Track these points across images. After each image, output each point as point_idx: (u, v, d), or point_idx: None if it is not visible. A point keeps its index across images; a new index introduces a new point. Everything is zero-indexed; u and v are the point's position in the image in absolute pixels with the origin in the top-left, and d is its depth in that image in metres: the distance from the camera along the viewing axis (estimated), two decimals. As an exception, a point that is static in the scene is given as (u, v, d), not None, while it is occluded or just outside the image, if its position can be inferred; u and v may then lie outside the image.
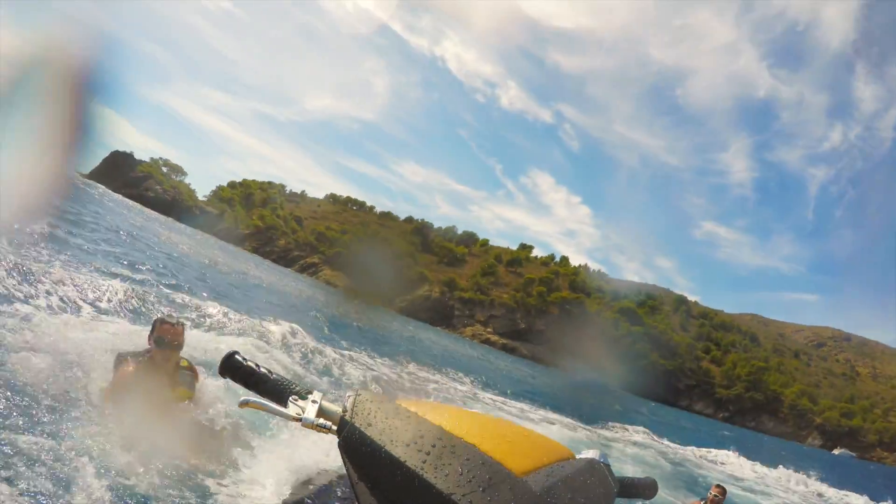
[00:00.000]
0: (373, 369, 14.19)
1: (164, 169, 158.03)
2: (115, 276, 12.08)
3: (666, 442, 24.52)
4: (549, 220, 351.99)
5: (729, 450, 24.94)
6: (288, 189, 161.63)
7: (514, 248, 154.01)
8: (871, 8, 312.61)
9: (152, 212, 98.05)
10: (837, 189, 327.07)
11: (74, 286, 9.59)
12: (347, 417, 1.01)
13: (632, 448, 19.02)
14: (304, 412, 1.05)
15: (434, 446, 0.96)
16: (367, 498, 0.93)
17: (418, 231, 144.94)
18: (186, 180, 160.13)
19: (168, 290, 13.03)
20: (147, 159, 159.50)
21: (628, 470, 9.82)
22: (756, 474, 21.71)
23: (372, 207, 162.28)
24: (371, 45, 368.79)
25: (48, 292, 8.75)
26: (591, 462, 1.23)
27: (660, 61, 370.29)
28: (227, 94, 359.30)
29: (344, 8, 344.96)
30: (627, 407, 42.23)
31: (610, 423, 23.91)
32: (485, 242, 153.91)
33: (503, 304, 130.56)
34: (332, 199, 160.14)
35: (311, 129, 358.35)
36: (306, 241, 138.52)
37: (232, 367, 1.11)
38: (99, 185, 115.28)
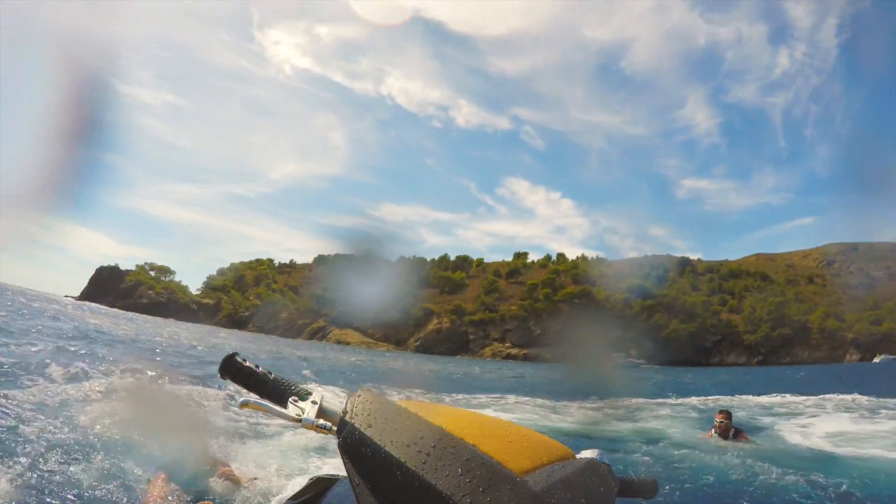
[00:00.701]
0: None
1: (152, 273, 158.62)
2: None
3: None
4: (535, 223, 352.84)
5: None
6: (276, 262, 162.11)
7: (509, 259, 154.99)
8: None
9: (149, 316, 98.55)
10: (800, 110, 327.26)
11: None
12: (347, 418, 1.00)
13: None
14: (304, 413, 1.04)
15: (434, 446, 0.95)
16: (368, 498, 0.92)
17: (412, 269, 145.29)
18: (176, 278, 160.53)
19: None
20: (133, 267, 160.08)
21: (630, 469, 9.22)
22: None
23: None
24: (318, 100, 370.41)
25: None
26: (591, 462, 1.16)
27: (597, 40, 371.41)
28: (193, 184, 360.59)
29: (283, 72, 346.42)
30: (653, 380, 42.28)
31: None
32: (480, 262, 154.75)
33: (514, 317, 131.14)
34: (321, 260, 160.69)
35: (281, 198, 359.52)
36: (308, 307, 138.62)
37: (232, 368, 1.09)
38: (89, 302, 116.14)
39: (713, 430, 10.43)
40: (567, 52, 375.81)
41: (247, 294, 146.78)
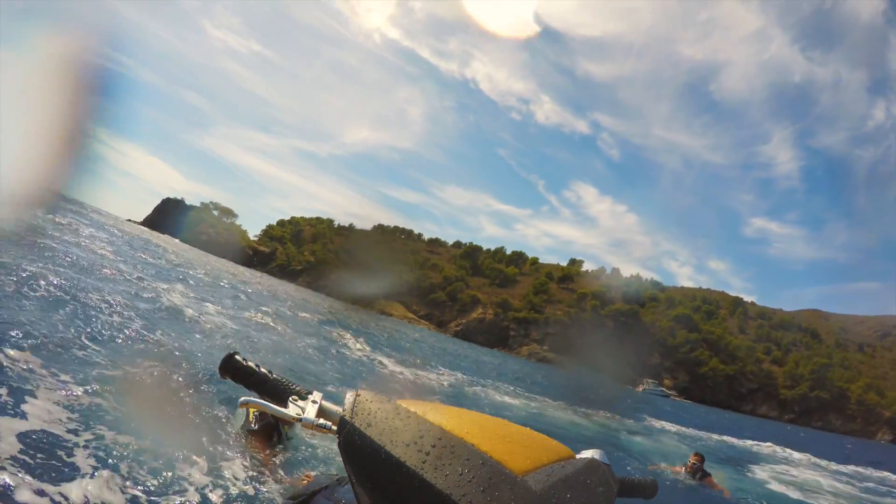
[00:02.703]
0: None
1: (216, 212, 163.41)
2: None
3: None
4: (596, 232, 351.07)
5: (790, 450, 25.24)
6: (336, 223, 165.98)
7: (564, 263, 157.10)
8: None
9: (201, 252, 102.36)
10: (887, 168, 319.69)
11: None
12: (347, 417, 1.02)
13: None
14: (304, 412, 1.06)
15: (434, 446, 0.97)
16: (368, 498, 0.94)
17: (468, 255, 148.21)
18: (237, 222, 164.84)
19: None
20: (198, 204, 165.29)
21: (630, 469, 10.92)
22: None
23: (420, 235, 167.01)
24: (402, 73, 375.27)
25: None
26: (591, 462, 1.10)
27: (690, 58, 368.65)
28: (267, 134, 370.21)
29: (372, 40, 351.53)
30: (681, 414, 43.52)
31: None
32: (535, 261, 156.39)
33: (558, 321, 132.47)
34: (381, 229, 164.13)
35: (351, 162, 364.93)
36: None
37: (232, 368, 1.11)
38: (150, 230, 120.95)
39: (684, 468, 11.09)
40: (658, 65, 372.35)
41: (302, 249, 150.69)
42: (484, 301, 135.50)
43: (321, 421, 1.06)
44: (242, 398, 1.06)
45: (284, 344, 14.46)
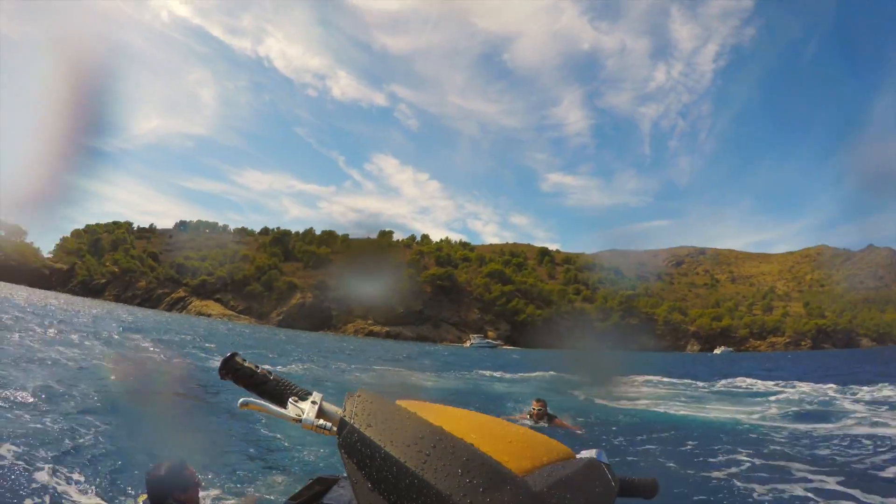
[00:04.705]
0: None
1: (1, 233, 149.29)
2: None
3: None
4: (401, 202, 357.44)
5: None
6: (135, 225, 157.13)
7: (374, 236, 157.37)
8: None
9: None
10: (668, 123, 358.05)
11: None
12: (347, 418, 1.02)
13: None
14: (303, 413, 1.05)
15: (434, 447, 0.98)
16: (368, 498, 0.93)
17: (277, 241, 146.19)
18: (29, 239, 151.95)
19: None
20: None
21: (630, 469, 10.54)
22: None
23: (225, 226, 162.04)
24: (193, 54, 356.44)
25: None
26: (591, 461, 1.15)
27: (486, 29, 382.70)
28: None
29: (159, 19, 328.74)
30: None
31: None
32: (345, 238, 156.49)
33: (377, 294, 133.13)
34: (183, 226, 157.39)
35: (143, 156, 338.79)
36: (167, 276, 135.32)
37: (232, 369, 1.10)
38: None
39: (528, 414, 11.39)
40: (454, 36, 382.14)
41: (103, 260, 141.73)
42: (301, 286, 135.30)
43: (321, 422, 1.05)
44: (242, 399, 1.06)
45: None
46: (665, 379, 26.90)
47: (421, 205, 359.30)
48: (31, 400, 7.76)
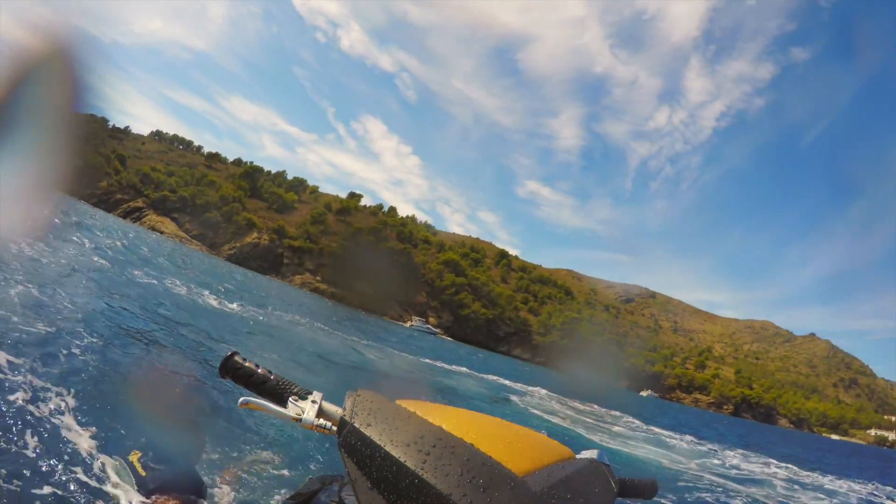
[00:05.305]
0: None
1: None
2: None
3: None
4: (377, 168, 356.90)
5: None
6: (110, 123, 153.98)
7: (343, 195, 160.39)
8: (716, 10, 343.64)
9: None
10: (656, 164, 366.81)
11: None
12: (347, 418, 1.01)
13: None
14: (304, 413, 1.05)
15: (434, 447, 0.99)
16: (368, 498, 0.93)
17: (247, 175, 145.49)
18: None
19: None
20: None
21: (631, 469, 10.73)
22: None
23: (199, 147, 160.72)
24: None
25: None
26: (591, 462, 1.17)
27: (507, 24, 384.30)
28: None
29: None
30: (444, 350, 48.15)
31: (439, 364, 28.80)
32: (315, 189, 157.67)
33: (332, 253, 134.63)
34: (158, 136, 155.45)
35: (137, 55, 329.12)
36: (130, 182, 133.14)
37: (232, 368, 1.10)
38: None
39: None
40: (475, 22, 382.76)
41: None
42: (260, 226, 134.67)
43: (321, 421, 1.04)
44: (242, 398, 1.05)
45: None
46: (595, 407, 28.31)
47: (396, 176, 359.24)
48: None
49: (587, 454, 1.29)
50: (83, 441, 4.57)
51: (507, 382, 31.13)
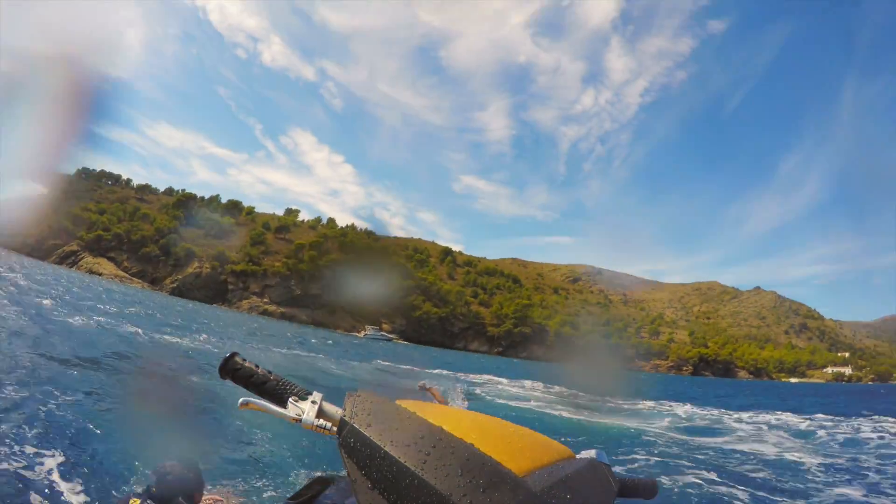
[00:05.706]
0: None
1: None
2: None
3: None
4: (311, 181, 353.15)
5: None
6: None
7: (279, 212, 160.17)
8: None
9: None
10: (587, 146, 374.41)
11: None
12: (347, 418, 1.01)
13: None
14: (304, 413, 1.05)
15: (434, 447, 0.99)
16: (368, 498, 0.92)
17: (181, 204, 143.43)
18: None
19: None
20: None
21: (631, 470, 11.44)
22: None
23: (129, 180, 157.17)
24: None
25: None
26: (591, 462, 1.29)
27: (428, 23, 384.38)
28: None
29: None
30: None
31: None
32: (251, 210, 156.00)
33: (276, 273, 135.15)
34: (85, 173, 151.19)
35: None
36: (60, 226, 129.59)
37: (232, 369, 1.10)
38: None
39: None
40: (395, 23, 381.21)
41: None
42: (199, 254, 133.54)
43: (321, 422, 1.05)
44: (242, 399, 1.06)
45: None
46: (556, 387, 28.61)
47: (331, 186, 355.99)
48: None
49: (587, 454, 1.22)
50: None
51: (459, 374, 32.43)
